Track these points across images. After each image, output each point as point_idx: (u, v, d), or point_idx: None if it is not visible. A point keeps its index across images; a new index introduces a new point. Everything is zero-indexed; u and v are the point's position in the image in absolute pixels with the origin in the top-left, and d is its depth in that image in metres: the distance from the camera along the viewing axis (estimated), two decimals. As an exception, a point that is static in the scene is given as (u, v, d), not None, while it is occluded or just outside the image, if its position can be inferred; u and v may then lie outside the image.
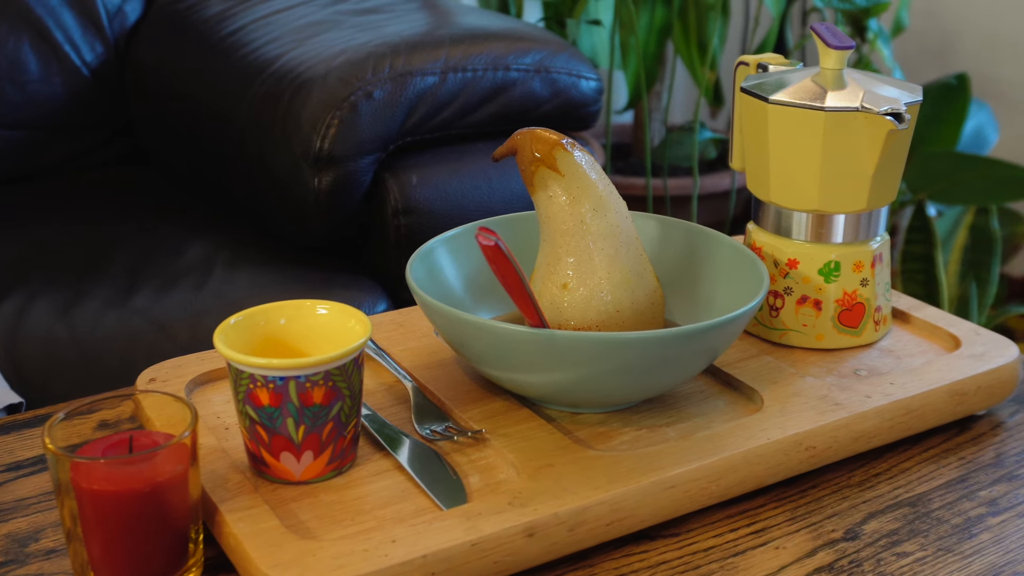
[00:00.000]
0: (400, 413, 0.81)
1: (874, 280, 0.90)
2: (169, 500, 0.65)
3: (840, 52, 0.87)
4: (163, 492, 0.65)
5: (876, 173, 0.86)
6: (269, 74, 1.39)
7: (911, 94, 0.87)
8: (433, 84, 1.35)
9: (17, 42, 1.59)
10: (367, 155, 1.32)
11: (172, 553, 0.67)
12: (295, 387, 0.70)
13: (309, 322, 0.77)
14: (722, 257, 0.88)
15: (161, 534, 0.66)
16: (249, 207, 1.46)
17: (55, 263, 1.34)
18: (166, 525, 0.66)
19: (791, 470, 0.78)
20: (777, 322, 0.90)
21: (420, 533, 0.67)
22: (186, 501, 0.66)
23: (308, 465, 0.72)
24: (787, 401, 0.81)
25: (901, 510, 0.77)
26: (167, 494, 0.65)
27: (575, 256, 0.80)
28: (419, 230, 1.33)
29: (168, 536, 0.66)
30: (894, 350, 0.90)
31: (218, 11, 1.59)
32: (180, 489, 0.66)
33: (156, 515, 0.65)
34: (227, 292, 1.29)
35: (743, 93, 0.89)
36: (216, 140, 1.47)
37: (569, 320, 0.80)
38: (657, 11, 2.29)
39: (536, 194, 0.81)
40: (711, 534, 0.74)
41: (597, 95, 1.45)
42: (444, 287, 0.86)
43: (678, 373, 0.78)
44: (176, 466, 0.65)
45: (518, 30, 1.47)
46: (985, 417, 0.88)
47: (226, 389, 0.84)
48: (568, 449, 0.75)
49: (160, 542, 0.66)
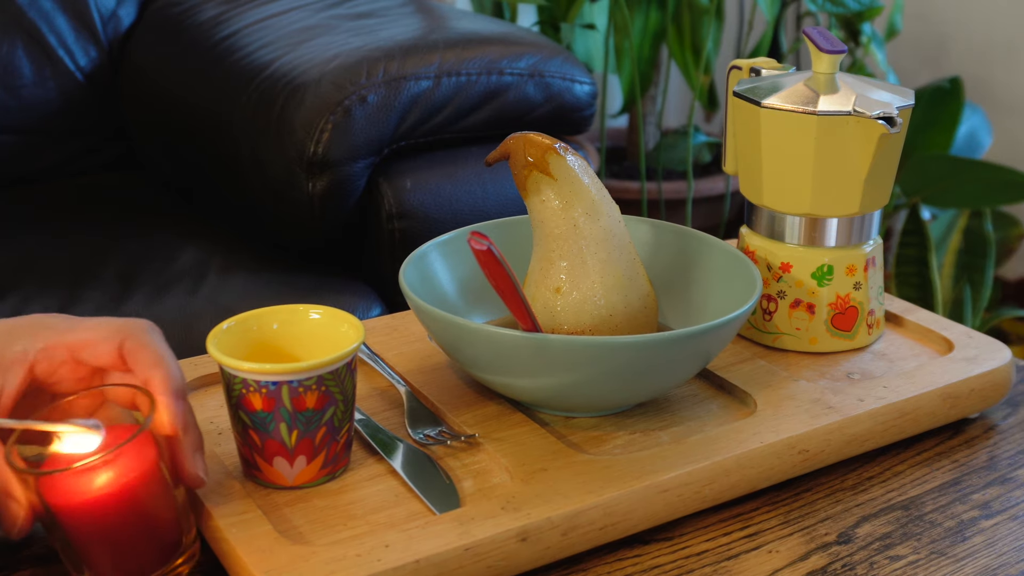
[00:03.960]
0: (393, 418, 0.81)
1: (867, 284, 0.90)
2: (148, 491, 0.64)
3: (832, 56, 0.87)
4: (139, 484, 0.64)
5: (868, 177, 0.86)
6: (263, 79, 1.39)
7: (903, 98, 0.87)
8: (427, 88, 1.35)
9: (10, 46, 1.59)
10: (361, 159, 1.32)
11: (164, 541, 0.66)
12: (288, 392, 0.70)
13: (302, 327, 0.77)
14: (715, 261, 0.88)
15: (148, 525, 0.65)
16: (243, 212, 1.46)
17: (48, 268, 1.34)
18: (151, 516, 0.65)
19: (784, 473, 0.78)
20: (770, 326, 0.90)
21: (413, 538, 0.67)
22: (165, 487, 0.66)
23: (301, 470, 0.72)
24: (780, 405, 0.81)
25: (894, 513, 0.77)
26: (144, 485, 0.64)
27: (568, 260, 0.80)
28: (413, 234, 1.33)
29: (156, 525, 0.66)
30: (887, 353, 0.90)
31: (212, 15, 1.59)
32: (155, 478, 0.65)
33: (138, 509, 0.64)
34: (220, 297, 1.29)
35: (736, 97, 0.89)
36: (210, 145, 1.47)
37: (562, 324, 0.80)
38: (651, 15, 2.30)
39: (529, 198, 0.81)
40: (704, 538, 0.74)
41: (591, 99, 1.45)
42: (437, 291, 0.86)
43: (671, 377, 0.78)
44: (147, 455, 0.64)
45: (512, 34, 1.47)
46: (978, 420, 0.88)
47: (219, 394, 0.84)
48: (561, 453, 0.75)
49: (149, 533, 0.65)
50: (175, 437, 0.67)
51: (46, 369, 0.68)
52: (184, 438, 0.67)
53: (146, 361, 0.68)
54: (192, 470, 0.68)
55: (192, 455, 0.68)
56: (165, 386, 0.67)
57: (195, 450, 0.68)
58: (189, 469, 0.68)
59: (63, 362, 0.69)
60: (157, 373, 0.67)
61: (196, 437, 0.68)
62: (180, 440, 0.67)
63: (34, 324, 0.69)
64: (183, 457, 0.67)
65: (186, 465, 0.67)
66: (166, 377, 0.67)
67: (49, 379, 0.69)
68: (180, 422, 0.67)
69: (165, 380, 0.67)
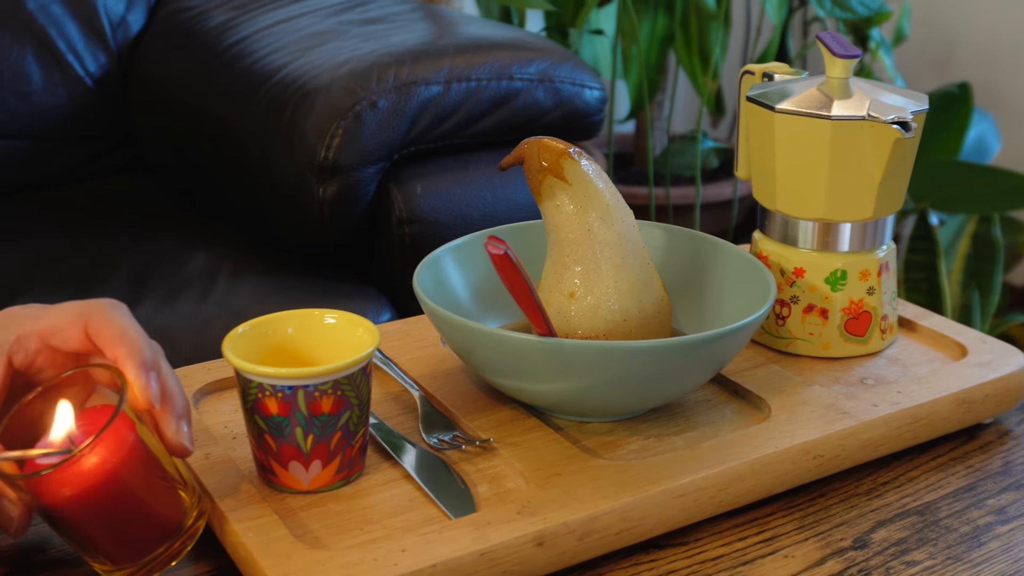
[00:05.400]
0: (407, 422, 0.81)
1: (880, 289, 0.90)
2: (135, 471, 0.64)
3: (846, 61, 0.87)
4: (124, 466, 0.63)
5: (882, 182, 0.86)
6: (273, 84, 1.39)
7: (917, 103, 0.87)
8: (437, 94, 1.35)
9: (20, 52, 1.59)
10: (371, 165, 1.32)
11: (164, 515, 0.66)
12: (304, 396, 0.70)
13: (317, 331, 0.77)
14: (729, 266, 0.88)
15: (142, 503, 0.65)
16: (253, 217, 1.46)
17: (57, 273, 1.34)
18: (144, 494, 0.65)
19: (799, 479, 0.78)
20: (784, 331, 0.90)
21: (429, 542, 0.67)
22: (154, 463, 0.65)
23: (316, 474, 0.72)
24: (794, 410, 0.81)
25: (909, 518, 0.76)
26: (129, 466, 0.64)
27: (582, 265, 0.80)
28: (423, 240, 1.33)
29: (152, 501, 0.65)
30: (901, 358, 0.90)
31: (222, 21, 1.59)
32: (140, 456, 0.64)
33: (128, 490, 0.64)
34: (231, 302, 1.29)
35: (749, 102, 0.89)
36: (219, 150, 1.47)
37: (576, 329, 0.80)
38: (659, 21, 2.30)
39: (543, 203, 0.81)
40: (720, 543, 0.74)
41: (601, 104, 1.45)
42: (451, 296, 0.86)
43: (685, 382, 0.78)
44: (127, 436, 0.64)
45: (521, 40, 1.47)
46: (992, 425, 0.88)
47: (233, 398, 0.84)
48: (576, 458, 0.75)
49: (146, 510, 0.65)
50: (152, 409, 0.66)
51: (24, 360, 0.68)
52: (163, 409, 0.67)
53: (111, 338, 0.67)
54: (175, 439, 0.67)
55: (174, 425, 0.67)
56: (132, 360, 0.66)
57: (178, 419, 0.67)
58: (171, 439, 0.67)
59: (38, 351, 0.68)
60: (122, 349, 0.66)
61: (177, 406, 0.67)
62: (157, 412, 0.66)
63: (5, 316, 0.69)
64: (163, 427, 0.67)
65: (167, 435, 0.67)
66: (131, 351, 0.66)
67: (29, 369, 0.68)
68: (153, 394, 0.66)
69: (130, 354, 0.66)
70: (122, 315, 0.69)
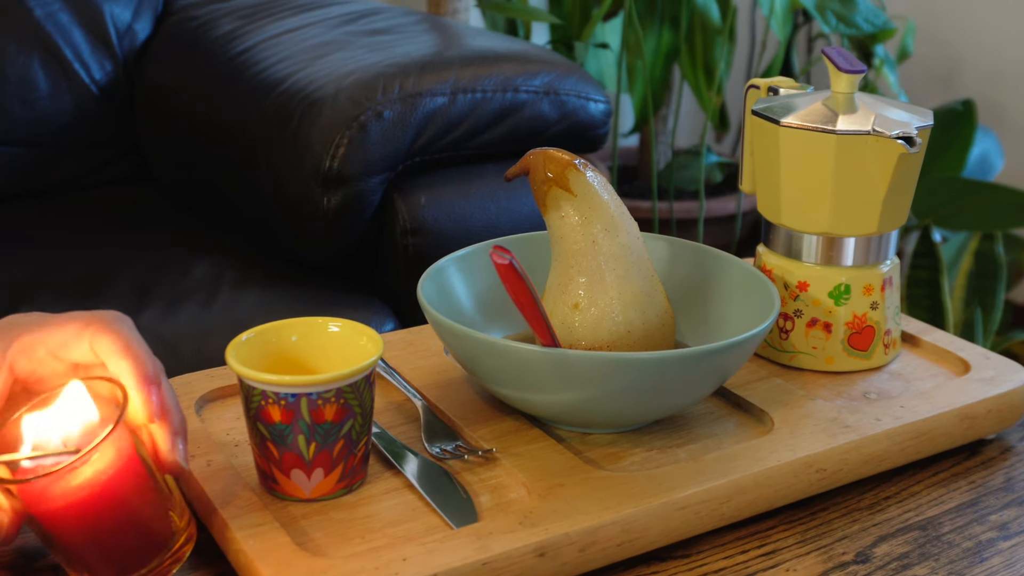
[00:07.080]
0: (410, 432, 0.81)
1: (884, 303, 0.90)
2: (128, 486, 0.64)
3: (851, 76, 0.87)
4: (118, 481, 0.63)
5: (887, 197, 0.86)
6: (279, 93, 1.39)
7: (922, 118, 0.87)
8: (442, 105, 1.35)
9: (27, 60, 1.59)
10: (376, 175, 1.33)
11: (153, 532, 0.66)
12: (307, 404, 0.70)
13: (320, 339, 0.77)
14: (733, 279, 0.88)
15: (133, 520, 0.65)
16: (257, 226, 1.46)
17: (61, 281, 1.34)
18: (135, 510, 0.65)
19: (801, 492, 0.78)
20: (787, 344, 0.90)
21: (431, 551, 0.67)
22: (147, 479, 0.65)
23: (319, 482, 0.72)
24: (797, 423, 0.81)
25: (911, 533, 0.76)
26: (123, 481, 0.63)
27: (587, 276, 0.80)
28: (427, 250, 1.33)
29: (142, 518, 0.65)
30: (903, 373, 0.90)
31: (228, 30, 1.59)
32: (134, 472, 0.64)
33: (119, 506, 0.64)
34: (234, 311, 1.29)
35: (754, 116, 0.89)
36: (225, 159, 1.47)
37: (580, 340, 0.80)
38: (664, 35, 2.30)
39: (548, 214, 0.81)
40: (722, 556, 0.74)
41: (606, 117, 1.46)
42: (455, 306, 0.86)
43: (688, 394, 0.78)
44: (124, 450, 0.64)
45: (527, 52, 1.47)
46: (995, 441, 0.87)
47: (235, 406, 0.84)
48: (579, 469, 0.75)
49: (136, 526, 0.65)
50: (150, 425, 0.66)
51: (26, 367, 0.68)
52: (159, 426, 0.66)
53: (113, 352, 0.67)
54: (170, 456, 0.66)
55: (171, 441, 0.67)
56: (133, 375, 0.66)
57: (174, 435, 0.67)
58: (166, 456, 0.66)
59: (42, 360, 0.68)
60: (124, 363, 0.66)
61: (174, 423, 0.67)
62: (154, 429, 0.66)
63: (8, 323, 0.69)
64: (159, 443, 0.66)
65: (162, 451, 0.66)
66: (133, 366, 0.66)
67: (30, 377, 0.68)
68: (154, 410, 0.66)
69: (132, 369, 0.66)
70: (126, 328, 0.68)
